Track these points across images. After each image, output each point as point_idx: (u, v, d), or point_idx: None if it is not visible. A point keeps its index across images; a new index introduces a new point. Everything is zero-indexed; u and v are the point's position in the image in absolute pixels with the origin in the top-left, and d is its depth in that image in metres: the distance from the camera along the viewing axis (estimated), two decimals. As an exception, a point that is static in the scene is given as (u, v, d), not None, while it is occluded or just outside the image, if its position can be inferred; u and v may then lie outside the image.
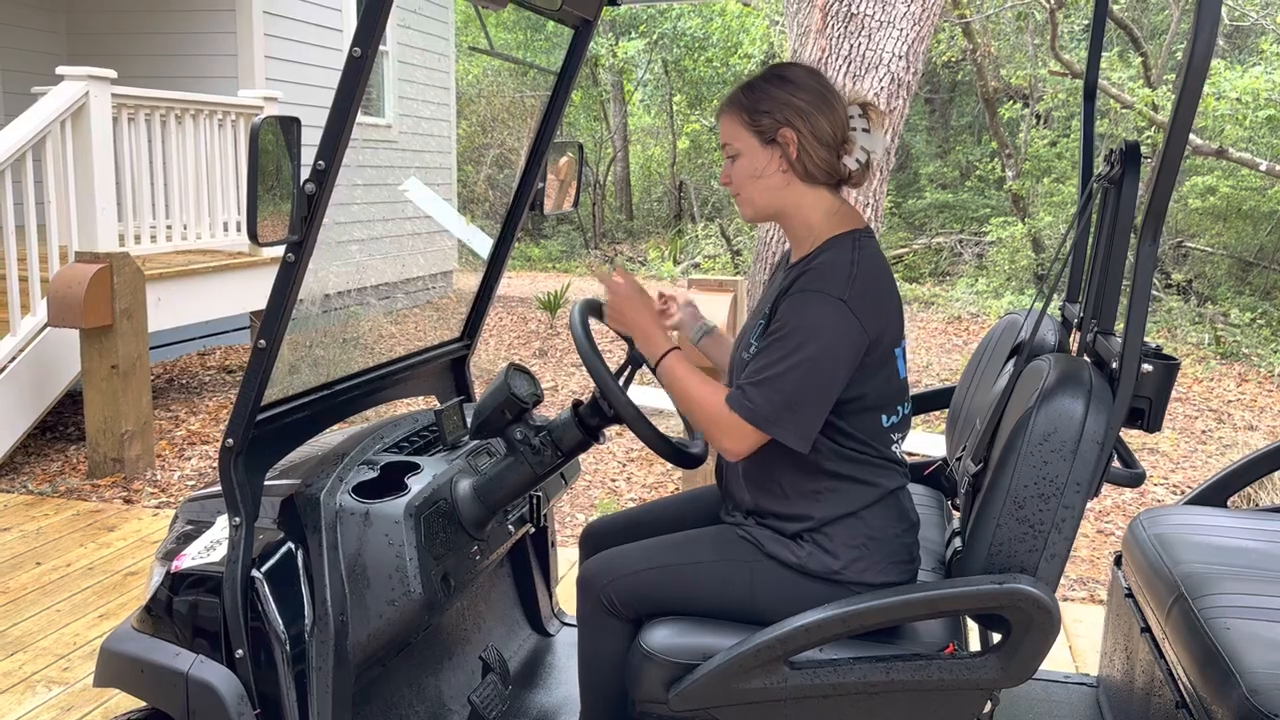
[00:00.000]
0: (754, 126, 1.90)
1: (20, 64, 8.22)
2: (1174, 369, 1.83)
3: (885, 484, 1.92)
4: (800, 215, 1.94)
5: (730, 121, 1.94)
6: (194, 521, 2.18)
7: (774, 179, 1.92)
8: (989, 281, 12.86)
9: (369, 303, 9.96)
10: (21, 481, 5.26)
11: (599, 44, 16.79)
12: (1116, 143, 2.14)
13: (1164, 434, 6.74)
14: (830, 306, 1.79)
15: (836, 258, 1.86)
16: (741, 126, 1.92)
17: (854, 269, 1.84)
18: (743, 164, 1.94)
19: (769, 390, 1.79)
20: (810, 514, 1.90)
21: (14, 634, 3.61)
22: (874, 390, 1.87)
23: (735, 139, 1.94)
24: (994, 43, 13.75)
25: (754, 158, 1.92)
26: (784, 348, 1.79)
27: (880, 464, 1.92)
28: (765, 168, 1.91)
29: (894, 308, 1.89)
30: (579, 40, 2.67)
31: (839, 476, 1.89)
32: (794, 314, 1.81)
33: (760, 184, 1.93)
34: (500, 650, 2.52)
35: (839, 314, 1.78)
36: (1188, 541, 2.40)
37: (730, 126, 1.94)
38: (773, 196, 1.94)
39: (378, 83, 10.75)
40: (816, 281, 1.83)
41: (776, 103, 1.89)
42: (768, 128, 1.89)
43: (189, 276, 6.42)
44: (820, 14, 6.39)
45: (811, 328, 1.78)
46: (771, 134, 1.89)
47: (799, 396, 1.78)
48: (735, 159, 1.95)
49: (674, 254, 15.64)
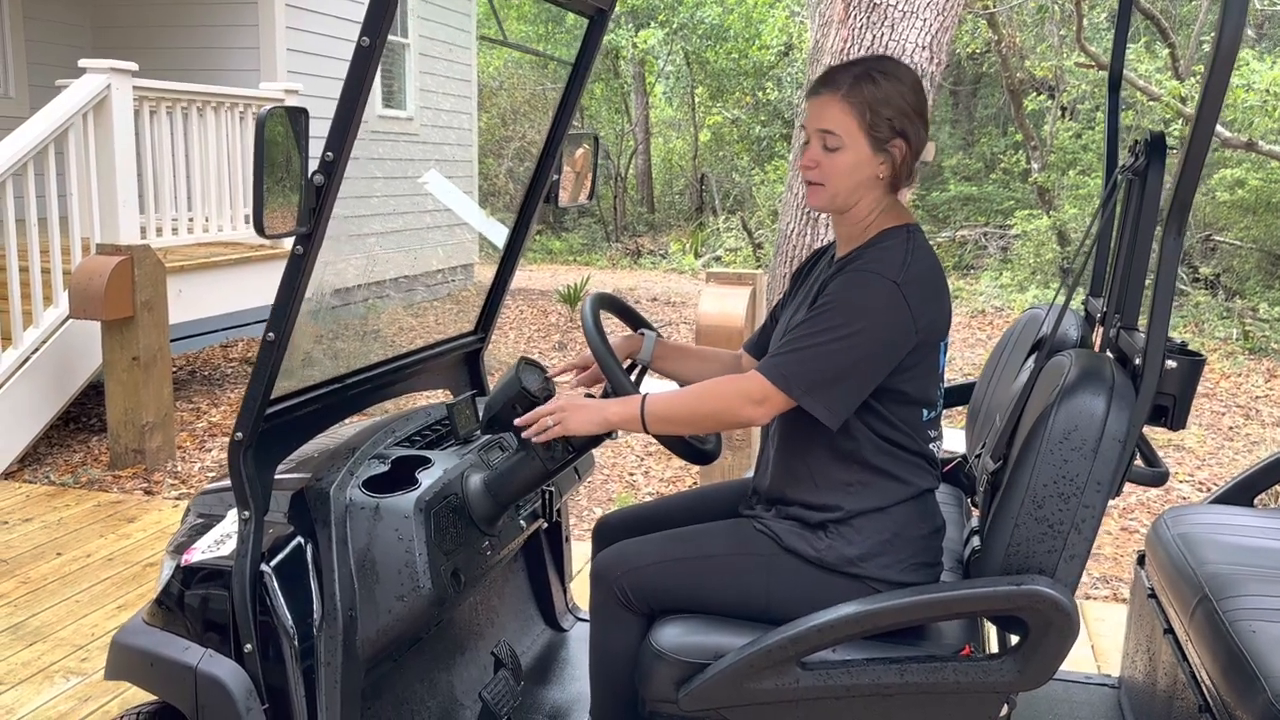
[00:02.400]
0: (870, 128, 1.83)
1: (46, 57, 8.27)
2: (1199, 365, 1.79)
3: (918, 483, 1.90)
4: (866, 215, 1.92)
5: (842, 112, 1.84)
6: (205, 514, 2.17)
7: (868, 181, 1.87)
8: (1013, 275, 12.73)
9: (388, 295, 9.98)
10: (44, 472, 5.30)
11: (620, 35, 16.72)
12: (1141, 134, 2.09)
13: (1190, 430, 6.64)
14: (883, 287, 1.77)
15: (892, 247, 1.85)
16: (855, 123, 1.83)
17: (909, 257, 1.82)
18: (843, 159, 1.85)
19: (805, 358, 1.76)
20: (840, 505, 1.87)
21: (34, 624, 3.63)
22: (917, 383, 1.85)
23: (845, 132, 1.84)
24: (1018, 34, 13.60)
25: (859, 156, 1.85)
26: (828, 320, 1.76)
27: (916, 461, 1.89)
28: (867, 170, 1.86)
29: (944, 301, 1.88)
30: (594, 30, 2.64)
31: (874, 470, 1.87)
32: (843, 290, 1.79)
33: (854, 182, 1.87)
34: (513, 646, 2.51)
35: (891, 296, 1.76)
36: (1212, 541, 2.35)
37: (841, 117, 1.84)
38: (857, 196, 1.89)
39: (399, 75, 10.76)
40: (871, 264, 1.81)
41: (898, 110, 1.84)
42: (884, 134, 1.84)
43: (210, 269, 6.44)
44: (842, 4, 6.33)
45: (860, 305, 1.76)
46: (885, 142, 1.84)
47: (835, 370, 1.75)
48: (836, 150, 1.86)
49: (695, 247, 15.60)
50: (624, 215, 18.75)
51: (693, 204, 19.01)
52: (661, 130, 20.64)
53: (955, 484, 2.67)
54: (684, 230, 17.51)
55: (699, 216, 18.11)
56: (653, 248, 16.89)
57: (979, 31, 13.16)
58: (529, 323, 10.29)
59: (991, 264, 13.74)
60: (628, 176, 19.41)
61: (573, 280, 11.34)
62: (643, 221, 18.93)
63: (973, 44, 13.56)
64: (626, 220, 18.72)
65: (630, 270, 15.28)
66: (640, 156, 19.58)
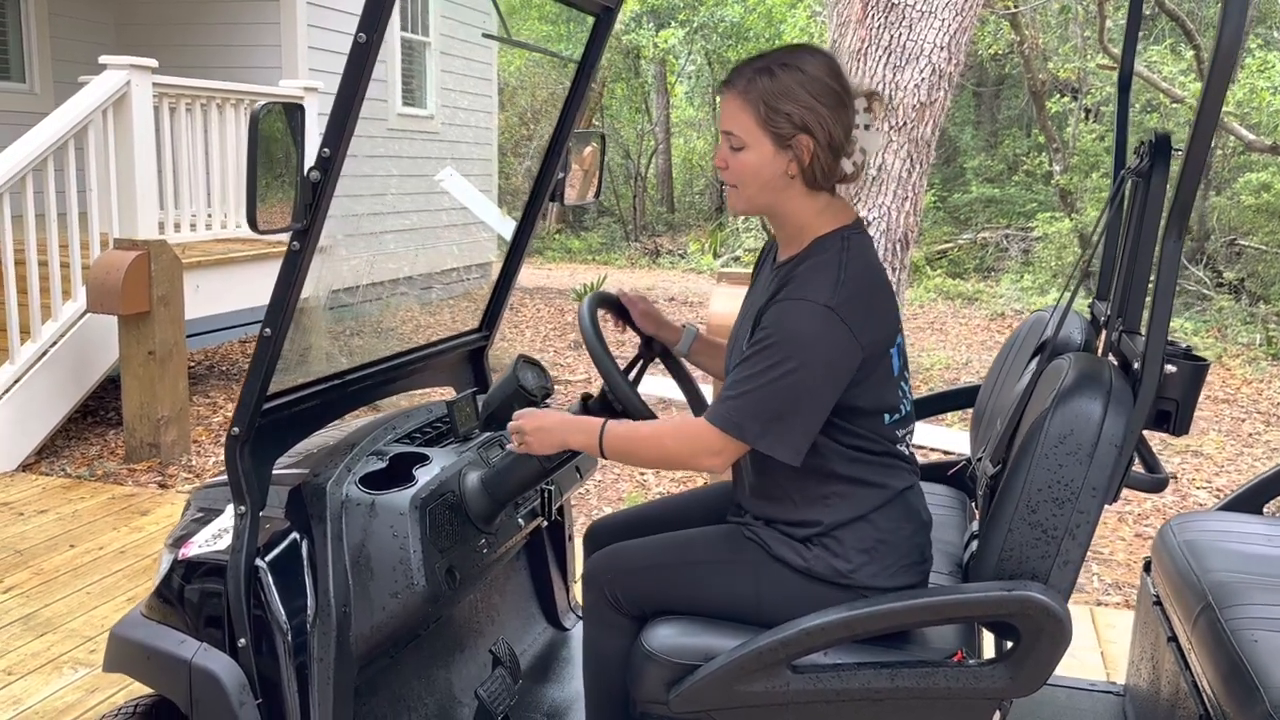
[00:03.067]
0: (770, 126, 1.76)
1: (71, 54, 8.34)
2: (1202, 370, 1.76)
3: (894, 484, 1.87)
4: (794, 216, 1.84)
5: (741, 110, 1.77)
6: (205, 509, 2.18)
7: (777, 181, 1.80)
8: (1034, 278, 12.64)
9: (403, 294, 10.01)
10: (61, 465, 5.35)
11: (640, 35, 16.71)
12: (1149, 135, 2.06)
13: (1209, 436, 6.57)
14: (817, 315, 1.69)
15: (824, 261, 1.77)
16: (755, 121, 1.76)
17: (842, 273, 1.74)
18: (747, 159, 1.79)
19: (753, 403, 1.71)
20: (819, 519, 1.84)
21: (45, 615, 3.66)
22: (871, 394, 1.79)
23: (744, 131, 1.78)
24: (1041, 35, 13.49)
25: (761, 155, 1.78)
26: (768, 358, 1.70)
27: (888, 464, 1.86)
28: (772, 169, 1.78)
29: (887, 308, 1.81)
30: (600, 28, 2.63)
31: (847, 480, 1.83)
32: (779, 323, 1.71)
33: (761, 183, 1.80)
34: (512, 644, 2.50)
35: (827, 320, 1.69)
36: (1218, 549, 2.32)
37: (740, 116, 1.78)
38: (771, 196, 1.82)
39: (420, 74, 10.80)
40: (802, 289, 1.73)
41: (798, 104, 1.74)
42: (785, 131, 1.75)
43: (228, 265, 6.48)
44: (860, 3, 6.30)
45: (797, 337, 1.69)
46: (788, 138, 1.76)
47: (786, 408, 1.70)
48: (740, 150, 1.80)
49: (714, 247, 15.56)
50: (643, 215, 18.75)
51: (713, 204, 18.98)
52: (682, 130, 20.63)
53: (960, 487, 2.65)
54: (703, 230, 17.49)
55: (719, 216, 18.07)
56: (671, 247, 16.88)
57: (1001, 32, 13.07)
58: (545, 321, 10.30)
59: (1013, 266, 13.65)
60: (648, 176, 19.41)
61: (590, 279, 11.34)
62: (662, 221, 18.92)
63: (995, 45, 13.47)
64: (646, 220, 18.71)
65: (648, 270, 15.27)
66: (661, 156, 19.57)
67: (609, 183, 18.48)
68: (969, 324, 10.85)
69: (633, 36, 16.64)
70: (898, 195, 6.41)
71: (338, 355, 7.50)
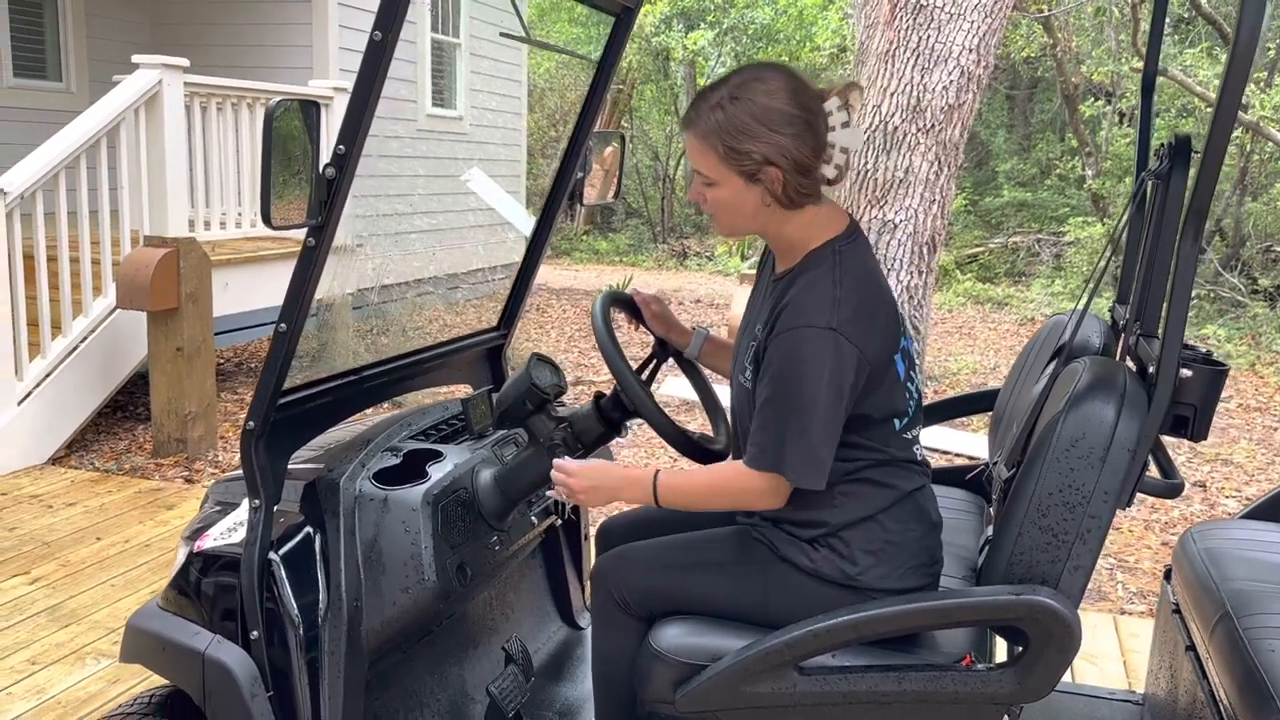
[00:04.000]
0: (734, 163, 1.75)
1: (106, 53, 8.47)
2: (1221, 375, 1.74)
3: (902, 485, 1.86)
4: (782, 235, 1.84)
5: (702, 150, 1.76)
6: (222, 502, 2.21)
7: (754, 210, 1.79)
8: (1066, 283, 12.51)
9: (428, 293, 10.06)
10: (90, 459, 5.43)
11: (670, 36, 16.72)
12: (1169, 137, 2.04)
13: (1239, 445, 6.48)
14: (822, 339, 1.70)
15: (816, 278, 1.77)
16: (717, 160, 1.75)
17: (837, 290, 1.74)
18: (720, 194, 1.79)
19: (786, 441, 1.72)
20: (826, 520, 1.84)
21: (70, 606, 3.72)
22: (879, 403, 1.80)
23: (710, 170, 1.77)
24: (1075, 38, 13.36)
25: (732, 190, 1.77)
26: (786, 395, 1.71)
27: (897, 466, 1.85)
28: (745, 200, 1.78)
29: (888, 317, 1.80)
30: (620, 28, 2.64)
31: (855, 481, 1.83)
32: (789, 356, 1.72)
33: (739, 215, 1.80)
34: (525, 642, 2.51)
35: (834, 345, 1.70)
36: (1239, 557, 2.29)
37: (703, 156, 1.77)
38: (753, 224, 1.83)
39: (450, 74, 10.86)
40: (802, 316, 1.72)
41: (757, 140, 1.71)
42: (750, 167, 1.74)
43: (257, 262, 6.55)
44: (889, 6, 6.27)
45: (806, 367, 1.70)
46: (754, 173, 1.74)
47: (816, 440, 1.72)
48: (711, 186, 1.79)
49: (741, 249, 15.53)
50: (671, 216, 18.74)
51: (741, 206, 18.91)
52: (712, 132, 20.55)
53: (978, 491, 2.63)
54: (731, 232, 17.43)
55: (747, 219, 18.02)
56: (699, 249, 16.86)
57: (1034, 35, 12.96)
58: (570, 322, 10.33)
59: (1044, 271, 13.52)
60: (676, 178, 19.40)
61: (617, 280, 11.35)
62: (690, 223, 18.90)
63: (1028, 48, 13.36)
64: (674, 221, 18.71)
65: (675, 271, 15.27)
66: (690, 158, 19.54)
67: (638, 184, 18.50)
68: (998, 329, 10.76)
69: (662, 38, 16.64)
70: (925, 198, 6.37)
71: (361, 352, 7.55)
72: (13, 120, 7.73)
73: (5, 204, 4.96)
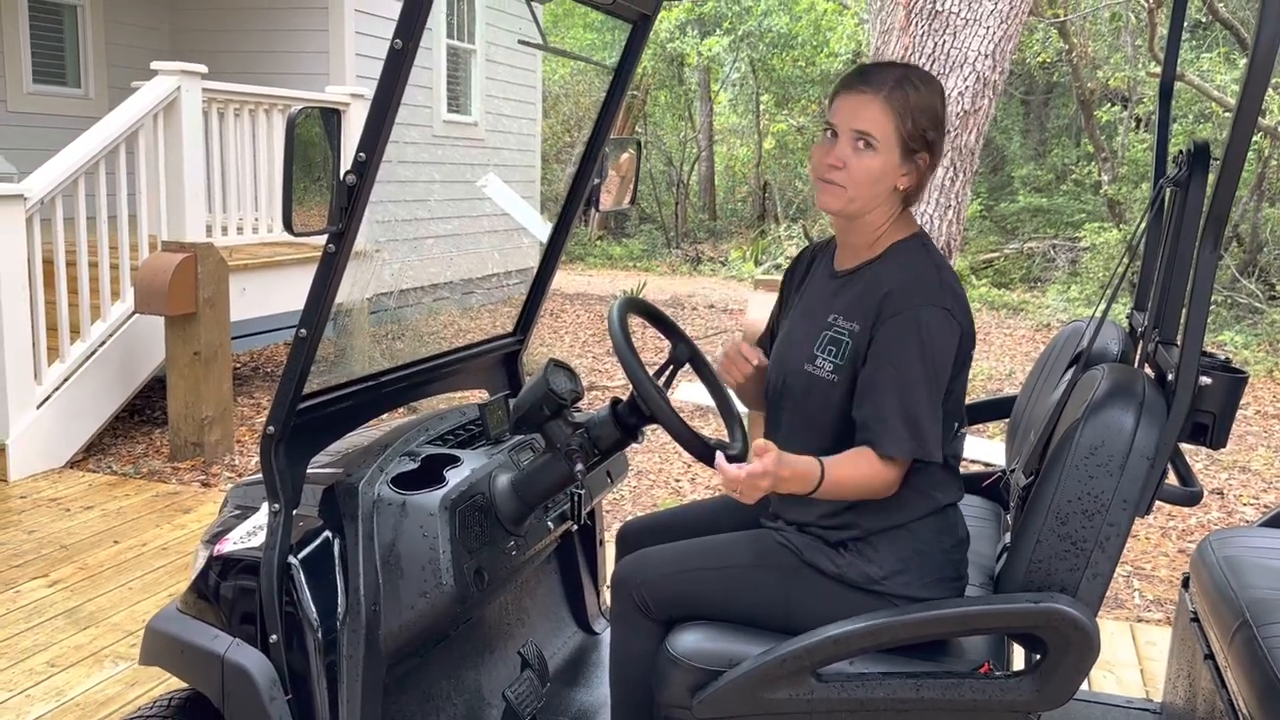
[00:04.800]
0: (906, 134, 1.79)
1: (125, 60, 8.54)
2: (1240, 382, 1.73)
3: (939, 497, 1.86)
4: (876, 225, 1.88)
5: (884, 115, 1.78)
6: (241, 506, 2.22)
7: (888, 190, 1.83)
8: (1082, 289, 12.45)
9: (444, 298, 10.09)
10: (107, 462, 5.46)
11: (685, 43, 16.73)
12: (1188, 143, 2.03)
13: (1257, 452, 6.44)
14: (939, 318, 1.76)
15: (918, 265, 1.83)
16: (895, 129, 1.78)
17: (941, 274, 1.81)
18: (872, 163, 1.79)
19: (925, 422, 1.75)
20: (858, 523, 1.84)
21: (88, 609, 3.74)
22: (955, 396, 1.84)
23: (881, 135, 1.78)
24: (1091, 44, 13.31)
25: (888, 163, 1.80)
26: (916, 376, 1.74)
27: (937, 475, 1.86)
28: (890, 178, 1.81)
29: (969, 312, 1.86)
30: (636, 36, 2.65)
31: None
32: (911, 336, 1.75)
33: (875, 189, 1.81)
34: (541, 647, 2.52)
35: (948, 323, 1.77)
36: (1258, 565, 2.28)
37: (882, 120, 1.78)
38: (873, 203, 1.84)
39: (465, 81, 10.90)
40: (919, 294, 1.77)
41: (934, 122, 1.81)
42: (916, 146, 1.80)
43: (274, 268, 6.59)
44: (904, 11, 6.26)
45: (929, 344, 1.75)
46: (917, 150, 1.81)
47: (936, 414, 1.77)
48: (866, 151, 1.79)
49: (755, 255, 15.53)
50: (685, 222, 18.75)
51: (754, 211, 18.94)
52: (725, 137, 20.60)
53: (995, 499, 2.62)
54: (745, 237, 17.45)
55: (761, 224, 18.04)
56: (713, 254, 16.86)
57: (1050, 41, 12.92)
58: (585, 327, 10.34)
59: (1060, 277, 13.46)
60: (690, 183, 19.40)
61: (631, 285, 11.36)
62: (704, 228, 18.91)
63: (1044, 53, 13.32)
64: (688, 227, 18.71)
65: (689, 276, 15.26)
66: (703, 163, 19.56)
67: (651, 189, 18.52)
68: (1014, 334, 10.72)
69: (677, 44, 16.66)
70: (940, 203, 6.36)
71: (378, 357, 7.58)
72: (33, 126, 7.80)
73: (25, 209, 5.00)
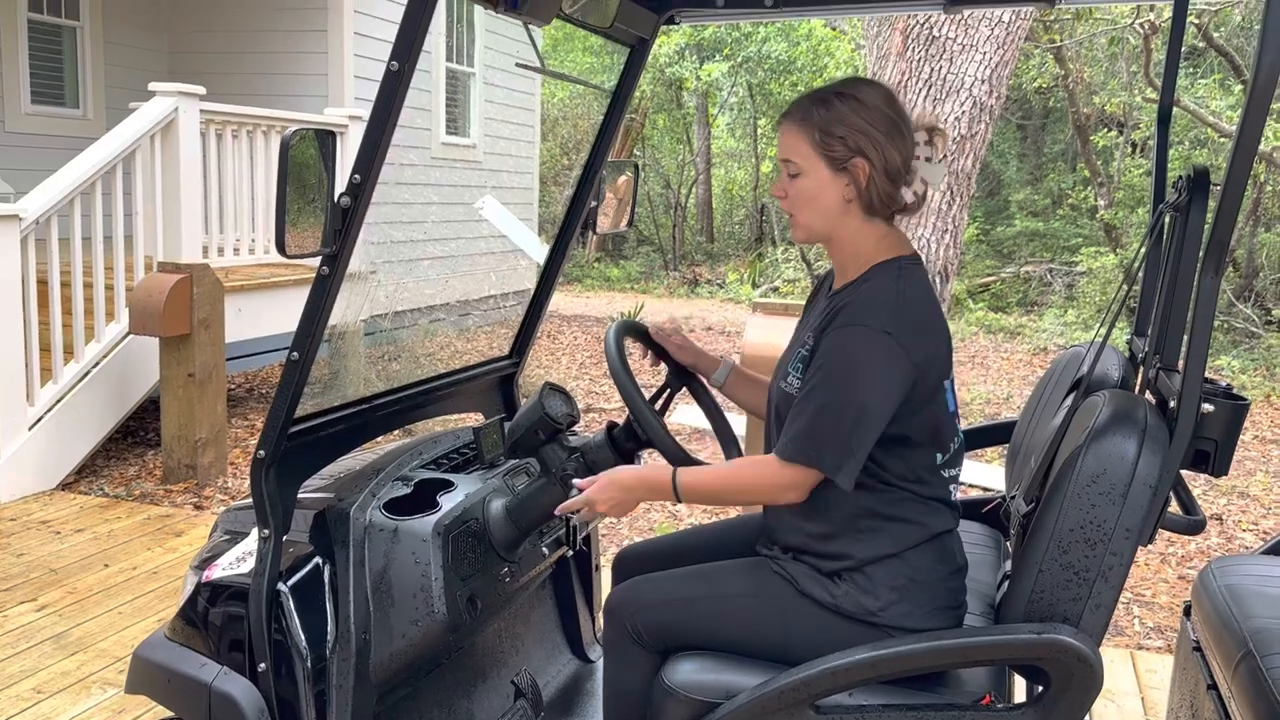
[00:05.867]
0: (825, 149, 1.79)
1: (124, 81, 8.55)
2: (1242, 409, 1.71)
3: (932, 525, 1.83)
4: (852, 243, 1.86)
5: (797, 137, 1.82)
6: (231, 532, 2.19)
7: (834, 206, 1.82)
8: (1078, 313, 12.47)
9: (440, 319, 10.08)
10: (99, 484, 5.42)
11: (684, 67, 16.81)
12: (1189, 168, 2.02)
13: (1255, 478, 6.41)
14: (876, 340, 1.71)
15: (879, 287, 1.79)
16: (810, 146, 1.80)
17: (898, 299, 1.76)
18: (804, 184, 1.83)
19: (821, 433, 1.72)
20: (850, 553, 1.82)
21: (77, 634, 3.69)
22: (921, 425, 1.78)
23: (801, 157, 1.82)
24: (1087, 69, 13.39)
25: (818, 181, 1.81)
26: (833, 389, 1.72)
27: (929, 504, 1.83)
28: (828, 194, 1.81)
29: (941, 338, 1.81)
30: (634, 59, 2.64)
31: (884, 516, 1.81)
32: (839, 351, 1.73)
33: (819, 208, 1.83)
34: (535, 675, 2.48)
35: (885, 347, 1.71)
36: (1261, 594, 2.25)
37: (796, 142, 1.82)
38: (829, 222, 1.85)
39: (463, 103, 10.93)
40: (859, 315, 1.75)
41: (852, 129, 1.78)
42: (840, 154, 1.79)
43: (270, 289, 6.57)
44: (901, 37, 6.29)
45: (855, 364, 1.71)
46: (843, 161, 1.79)
47: (850, 436, 1.72)
48: (796, 177, 1.83)
49: (753, 277, 15.54)
50: (683, 244, 18.79)
51: (752, 234, 18.98)
52: (723, 161, 20.68)
53: (996, 525, 2.59)
54: (742, 260, 17.48)
55: (758, 247, 18.07)
56: (710, 277, 16.88)
57: (1046, 66, 12.99)
58: (581, 349, 10.32)
59: (1056, 301, 13.49)
60: (688, 206, 19.45)
61: (628, 307, 11.35)
62: (701, 251, 18.94)
63: (1040, 79, 13.39)
64: (685, 249, 18.75)
65: (686, 299, 15.27)
66: (701, 186, 19.63)
67: (649, 212, 18.56)
68: (1011, 358, 10.71)
69: (676, 69, 16.74)
70: (937, 227, 6.37)
71: (373, 379, 7.55)
72: (30, 146, 7.80)
73: (20, 230, 4.98)
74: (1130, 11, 10.71)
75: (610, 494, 1.89)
